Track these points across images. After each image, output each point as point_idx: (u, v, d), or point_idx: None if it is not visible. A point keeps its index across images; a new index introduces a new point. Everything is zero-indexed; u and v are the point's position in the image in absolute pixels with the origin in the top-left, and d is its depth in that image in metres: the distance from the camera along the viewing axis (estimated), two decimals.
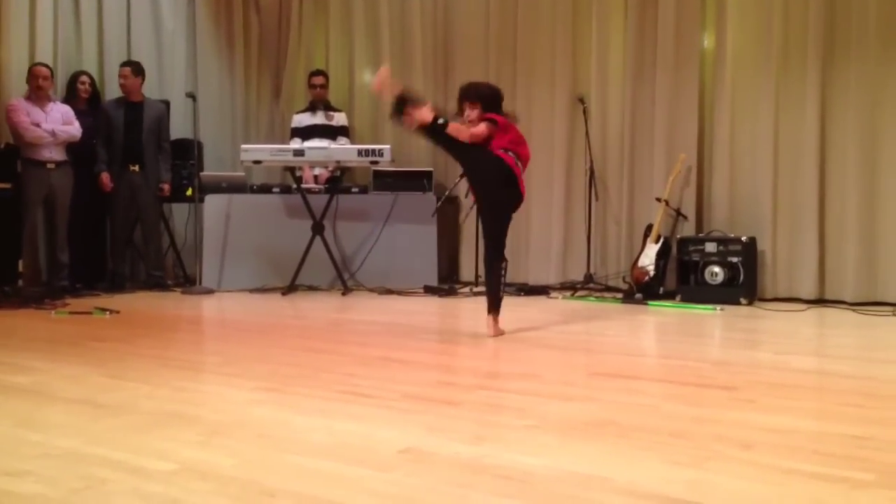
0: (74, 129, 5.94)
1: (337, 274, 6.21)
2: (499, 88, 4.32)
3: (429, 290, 6.19)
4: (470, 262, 6.75)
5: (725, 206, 5.89)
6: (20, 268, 5.85)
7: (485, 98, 4.14)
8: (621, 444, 2.12)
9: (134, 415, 2.44)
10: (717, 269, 5.51)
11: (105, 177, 6.23)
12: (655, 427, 2.28)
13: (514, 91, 6.72)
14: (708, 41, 6.05)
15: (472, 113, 4.10)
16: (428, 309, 5.36)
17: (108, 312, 4.85)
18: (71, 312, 4.94)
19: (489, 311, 4.06)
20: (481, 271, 6.60)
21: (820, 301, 5.48)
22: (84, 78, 6.36)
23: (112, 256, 6.49)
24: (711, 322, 4.73)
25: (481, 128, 4.01)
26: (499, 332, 4.04)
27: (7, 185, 5.76)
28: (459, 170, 6.89)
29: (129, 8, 6.99)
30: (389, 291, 6.16)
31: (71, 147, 6.00)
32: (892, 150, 5.33)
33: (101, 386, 2.87)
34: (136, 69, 6.42)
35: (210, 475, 1.85)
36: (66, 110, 5.98)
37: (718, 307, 5.18)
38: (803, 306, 5.32)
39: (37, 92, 5.81)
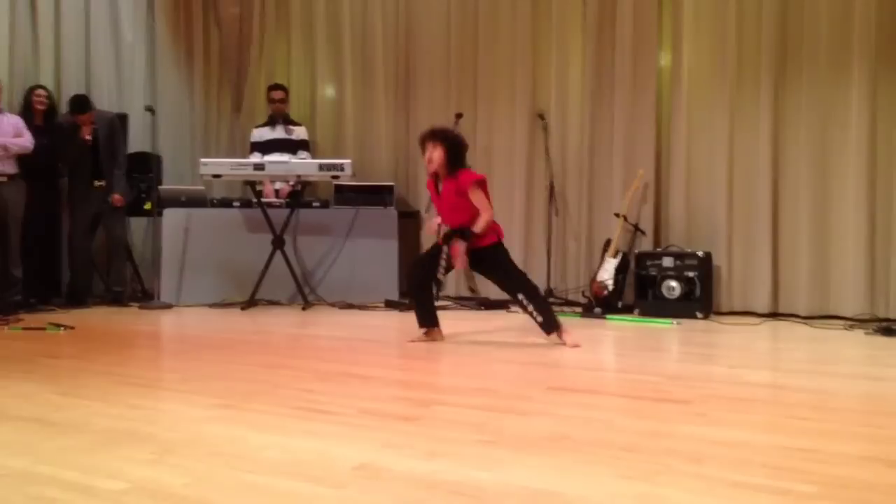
0: (26, 141, 5.83)
1: (297, 288, 6.18)
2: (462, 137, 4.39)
3: (390, 305, 6.18)
4: None
5: (682, 221, 5.99)
6: None
7: (448, 141, 4.21)
8: (574, 458, 2.14)
9: (85, 433, 2.40)
10: (674, 283, 5.59)
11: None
12: (608, 441, 2.31)
13: (475, 107, 6.79)
14: (664, 60, 6.16)
15: (433, 153, 4.17)
16: (388, 323, 5.36)
17: (62, 328, 4.78)
18: (24, 328, 4.86)
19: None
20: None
21: (774, 315, 5.59)
22: (40, 91, 6.22)
23: (71, 271, 6.39)
24: (668, 336, 4.80)
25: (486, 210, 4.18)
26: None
27: None
28: (422, 185, 6.97)
29: (88, 19, 6.91)
30: (350, 306, 6.14)
31: (27, 160, 5.89)
32: (841, 167, 5.47)
33: (53, 404, 2.82)
34: (81, 108, 6.22)
35: (161, 494, 1.84)
36: (17, 121, 5.87)
37: (675, 321, 5.26)
38: (758, 320, 5.42)
39: None
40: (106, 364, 3.72)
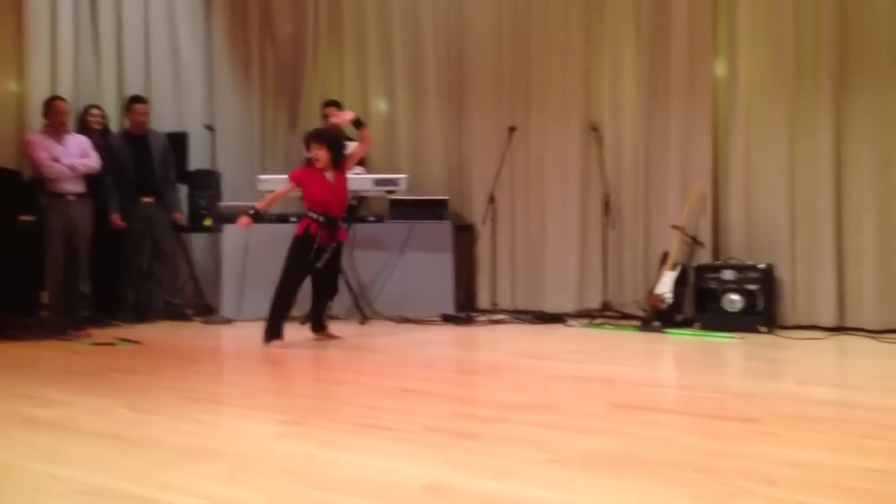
0: (93, 162, 6.02)
1: (354, 303, 6.24)
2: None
3: (446, 319, 6.20)
4: (486, 290, 6.77)
5: (742, 233, 5.88)
6: (43, 299, 5.92)
7: (330, 140, 4.95)
8: (644, 479, 2.12)
9: (159, 449, 2.46)
10: (735, 296, 5.50)
11: (116, 218, 6.28)
12: (677, 461, 2.28)
13: (528, 119, 6.78)
14: (720, 69, 6.08)
15: (318, 153, 4.87)
16: (445, 338, 5.37)
17: (131, 343, 4.89)
18: (94, 343, 4.99)
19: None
20: (498, 299, 6.66)
21: (840, 329, 5.45)
22: (95, 111, 6.42)
23: (132, 287, 6.54)
24: (731, 351, 4.72)
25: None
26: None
27: (31, 218, 5.86)
28: (476, 198, 6.99)
29: (148, 40, 7.12)
30: (407, 320, 6.17)
31: (90, 179, 6.07)
32: None
33: (125, 419, 2.90)
34: (138, 98, 6.57)
35: None
36: (84, 141, 6.06)
37: (737, 335, 5.17)
38: (823, 334, 5.29)
39: (58, 127, 5.90)
40: (172, 379, 3.80)
